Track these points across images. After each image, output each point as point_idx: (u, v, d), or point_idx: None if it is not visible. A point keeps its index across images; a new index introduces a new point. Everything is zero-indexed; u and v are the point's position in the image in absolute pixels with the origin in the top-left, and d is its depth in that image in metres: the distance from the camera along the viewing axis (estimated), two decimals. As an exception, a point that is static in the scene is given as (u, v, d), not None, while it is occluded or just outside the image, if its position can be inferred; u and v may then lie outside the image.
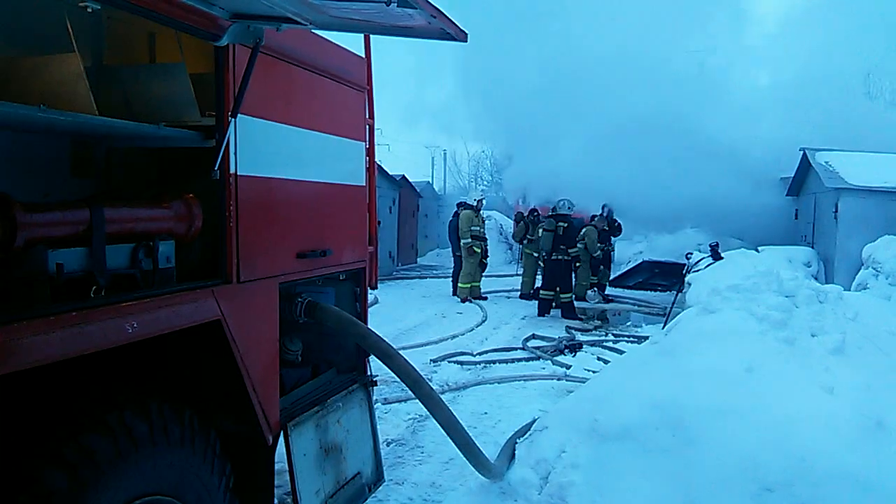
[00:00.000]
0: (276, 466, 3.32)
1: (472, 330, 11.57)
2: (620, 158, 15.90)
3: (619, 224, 15.54)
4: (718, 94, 18.19)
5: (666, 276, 15.84)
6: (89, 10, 2.30)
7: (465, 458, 4.38)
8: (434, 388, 5.83)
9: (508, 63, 17.96)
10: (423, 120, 27.73)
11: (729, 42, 21.41)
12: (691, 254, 10.54)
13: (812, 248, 13.54)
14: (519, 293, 15.62)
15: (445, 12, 2.76)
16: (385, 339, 4.03)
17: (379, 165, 17.46)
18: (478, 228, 15.31)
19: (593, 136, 16.56)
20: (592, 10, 17.86)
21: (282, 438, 3.36)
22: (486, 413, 6.95)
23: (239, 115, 2.86)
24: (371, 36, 4.35)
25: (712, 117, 16.65)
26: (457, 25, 2.92)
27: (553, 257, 13.32)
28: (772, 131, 16.75)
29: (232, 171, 2.91)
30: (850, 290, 8.30)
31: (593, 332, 11.82)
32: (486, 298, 15.08)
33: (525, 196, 18.60)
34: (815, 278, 11.22)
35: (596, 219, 14.92)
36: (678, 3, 18.34)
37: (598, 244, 14.41)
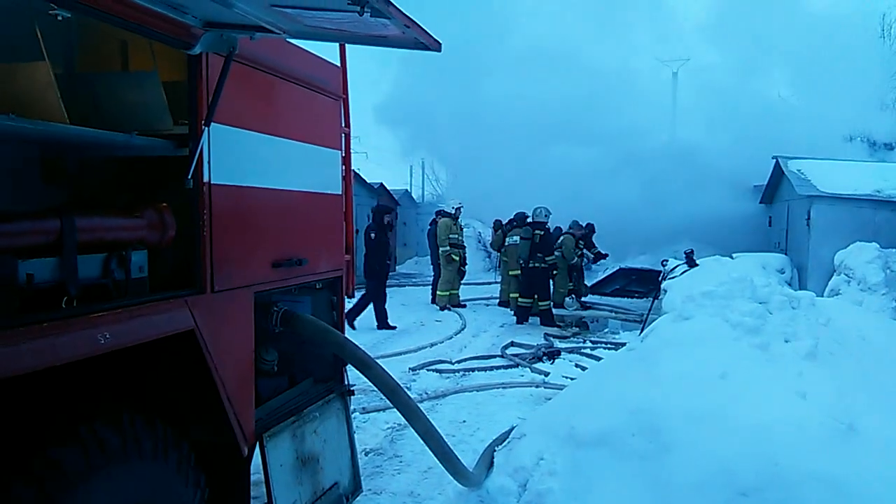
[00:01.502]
0: (253, 478, 3.29)
1: (450, 338, 11.56)
2: (595, 177, 16.06)
3: (598, 249, 15.77)
4: (687, 102, 18.45)
5: (642, 283, 15.96)
6: (59, 17, 2.27)
7: (443, 467, 4.37)
8: (413, 396, 5.83)
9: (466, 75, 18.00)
10: (397, 128, 27.64)
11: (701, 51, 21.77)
12: (667, 261, 10.59)
13: (785, 254, 13.71)
14: (497, 301, 15.65)
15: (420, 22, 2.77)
16: (362, 347, 4.02)
17: (356, 173, 17.45)
18: (456, 236, 15.33)
19: (559, 150, 16.69)
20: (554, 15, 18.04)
21: (258, 449, 3.33)
22: (464, 421, 6.93)
23: (212, 123, 2.85)
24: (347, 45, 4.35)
25: (683, 126, 16.92)
26: (430, 35, 2.94)
27: (530, 265, 13.35)
28: (742, 139, 17.00)
29: (205, 179, 2.89)
30: (822, 296, 8.41)
31: (571, 339, 11.86)
32: (464, 306, 15.09)
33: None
34: (789, 284, 11.35)
35: (573, 227, 15.04)
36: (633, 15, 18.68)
37: (576, 250, 14.51)
